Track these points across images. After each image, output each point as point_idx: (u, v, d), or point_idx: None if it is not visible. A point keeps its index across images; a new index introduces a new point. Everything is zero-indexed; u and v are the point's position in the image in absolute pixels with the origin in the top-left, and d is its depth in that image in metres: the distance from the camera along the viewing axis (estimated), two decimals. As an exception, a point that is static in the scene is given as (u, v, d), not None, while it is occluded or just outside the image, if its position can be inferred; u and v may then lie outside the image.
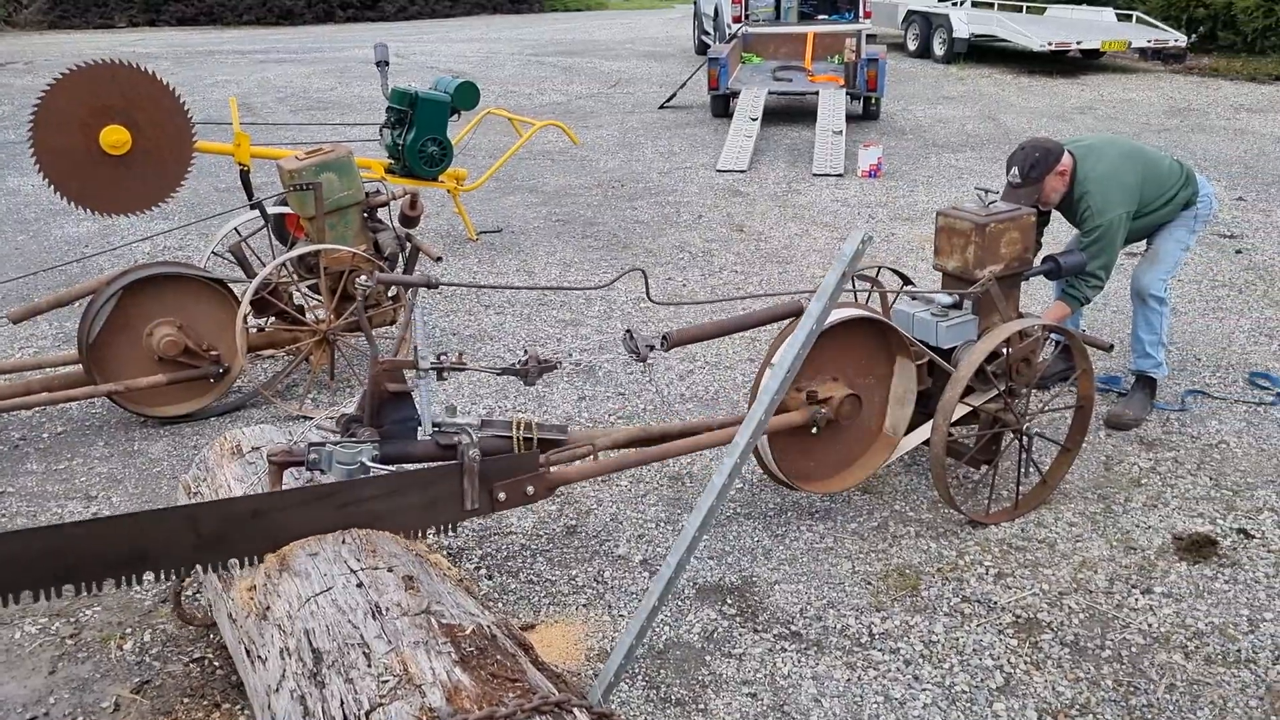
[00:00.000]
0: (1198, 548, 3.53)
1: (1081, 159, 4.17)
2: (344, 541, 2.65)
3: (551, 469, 3.11)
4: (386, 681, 2.11)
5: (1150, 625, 3.16)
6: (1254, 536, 3.60)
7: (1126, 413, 4.44)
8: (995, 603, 3.26)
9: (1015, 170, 4.06)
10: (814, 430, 3.42)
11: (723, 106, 11.60)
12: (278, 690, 2.29)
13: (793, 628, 3.16)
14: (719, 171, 9.27)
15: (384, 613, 2.33)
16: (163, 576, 2.58)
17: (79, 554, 2.45)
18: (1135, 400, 4.51)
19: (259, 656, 2.47)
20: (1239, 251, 6.82)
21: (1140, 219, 4.27)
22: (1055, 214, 4.44)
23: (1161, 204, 4.30)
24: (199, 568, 2.62)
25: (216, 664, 2.98)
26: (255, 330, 4.70)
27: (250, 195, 5.35)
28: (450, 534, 3.00)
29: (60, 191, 4.71)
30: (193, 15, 24.90)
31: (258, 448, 3.19)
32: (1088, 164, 4.15)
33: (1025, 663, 3.00)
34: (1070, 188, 4.16)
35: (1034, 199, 4.05)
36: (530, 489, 3.06)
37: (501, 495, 3.01)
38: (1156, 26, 15.49)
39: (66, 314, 5.45)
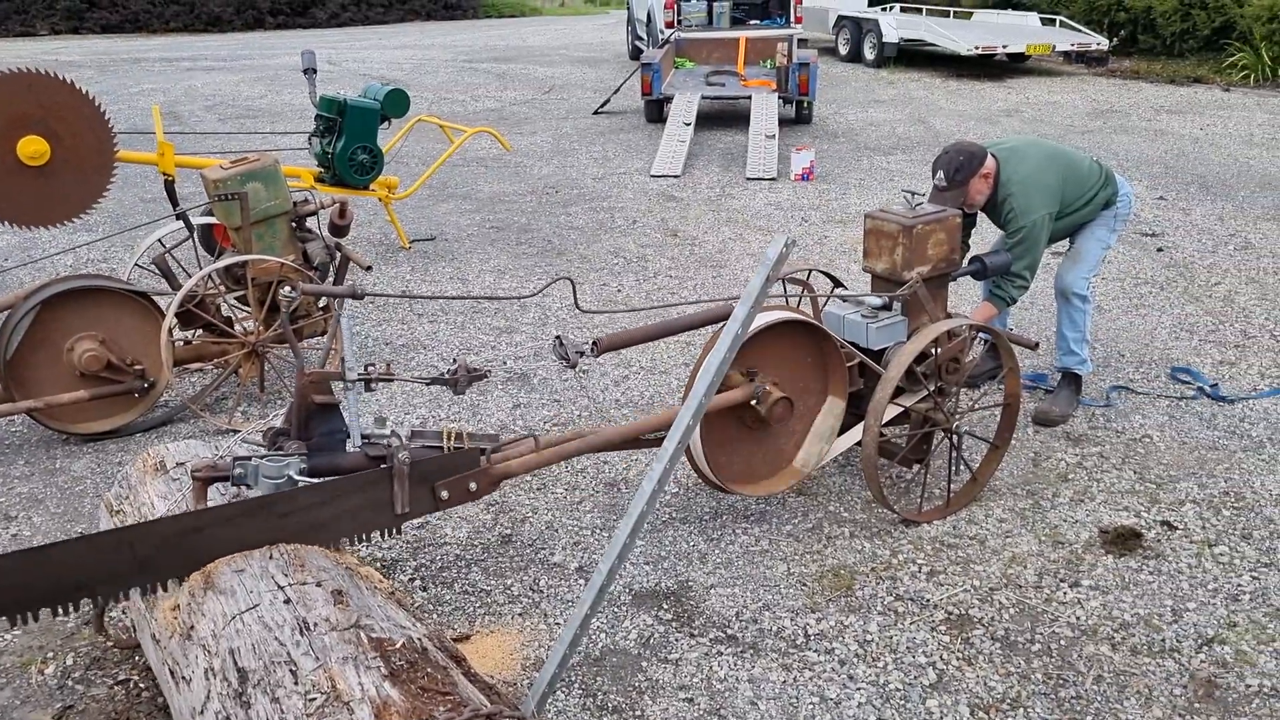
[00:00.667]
0: (1123, 541, 3.60)
1: (1004, 161, 4.24)
2: (271, 557, 2.60)
3: (494, 465, 3.09)
4: (314, 699, 2.07)
5: (1078, 618, 3.22)
6: (1177, 528, 3.69)
7: (1053, 409, 4.53)
8: (928, 600, 3.30)
9: (941, 174, 4.12)
10: (756, 404, 3.42)
11: (656, 111, 11.63)
12: (203, 712, 2.24)
13: (729, 631, 3.17)
14: (653, 176, 9.29)
15: (312, 629, 2.29)
16: (99, 602, 2.52)
17: (11, 585, 2.38)
18: (1061, 397, 4.59)
19: (184, 678, 2.41)
20: (1160, 250, 6.99)
21: (1062, 219, 4.35)
22: (981, 216, 4.51)
23: (1083, 204, 4.39)
24: (136, 591, 2.56)
25: (142, 686, 2.91)
26: (181, 343, 4.61)
27: (175, 205, 5.25)
28: (388, 539, 2.96)
29: (-26, 204, 4.58)
30: (117, 23, 24.40)
31: (182, 463, 3.12)
32: (1010, 166, 4.23)
33: (957, 659, 3.04)
34: (994, 190, 4.23)
35: (960, 202, 4.11)
36: (473, 485, 3.04)
37: (444, 494, 2.99)
38: (1080, 30, 15.84)
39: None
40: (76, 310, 4.27)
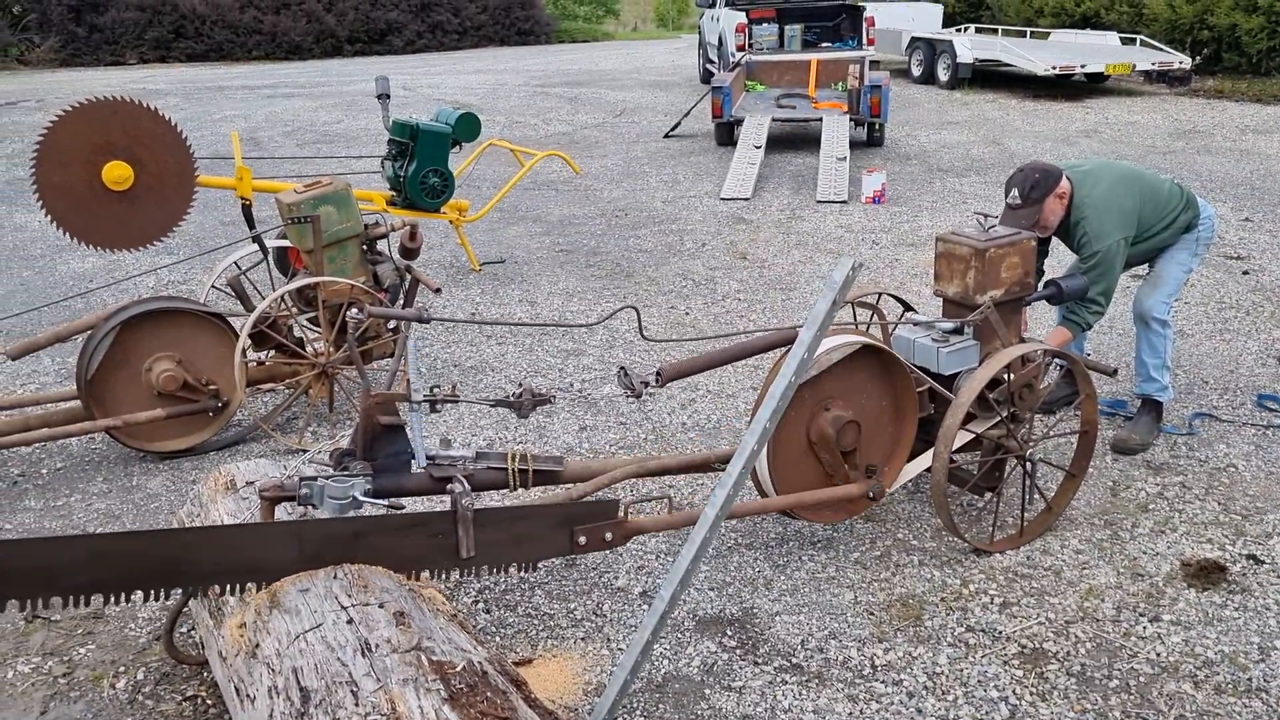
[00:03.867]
0: (1206, 574, 3.47)
1: (1079, 184, 4.14)
2: (335, 577, 2.62)
3: (630, 519, 3.13)
4: (373, 721, 2.07)
5: (1158, 654, 3.10)
6: (1264, 562, 3.54)
7: (1133, 437, 4.39)
8: (1000, 632, 3.21)
9: (1015, 192, 4.04)
10: (871, 499, 3.46)
11: (727, 134, 11.62)
12: (265, 730, 2.26)
13: (794, 660, 3.11)
14: (723, 199, 9.27)
15: (373, 650, 2.29)
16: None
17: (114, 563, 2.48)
18: (1141, 424, 4.46)
19: (248, 695, 2.43)
20: (1246, 273, 6.78)
21: (1140, 243, 4.23)
22: (1056, 241, 4.41)
23: (1161, 228, 4.27)
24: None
25: (209, 702, 2.94)
26: (254, 364, 4.69)
27: (252, 228, 5.36)
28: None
29: (62, 227, 4.72)
30: (202, 52, 25.14)
31: (251, 482, 3.16)
32: (1085, 188, 4.13)
33: (1031, 694, 2.94)
34: (1068, 213, 4.14)
35: (1033, 221, 4.02)
36: (609, 535, 3.08)
37: (581, 539, 3.04)
38: (1161, 49, 15.51)
39: (68, 349, 5.45)
40: (154, 331, 4.36)
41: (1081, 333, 4.29)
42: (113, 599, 2.50)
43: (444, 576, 2.99)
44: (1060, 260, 5.69)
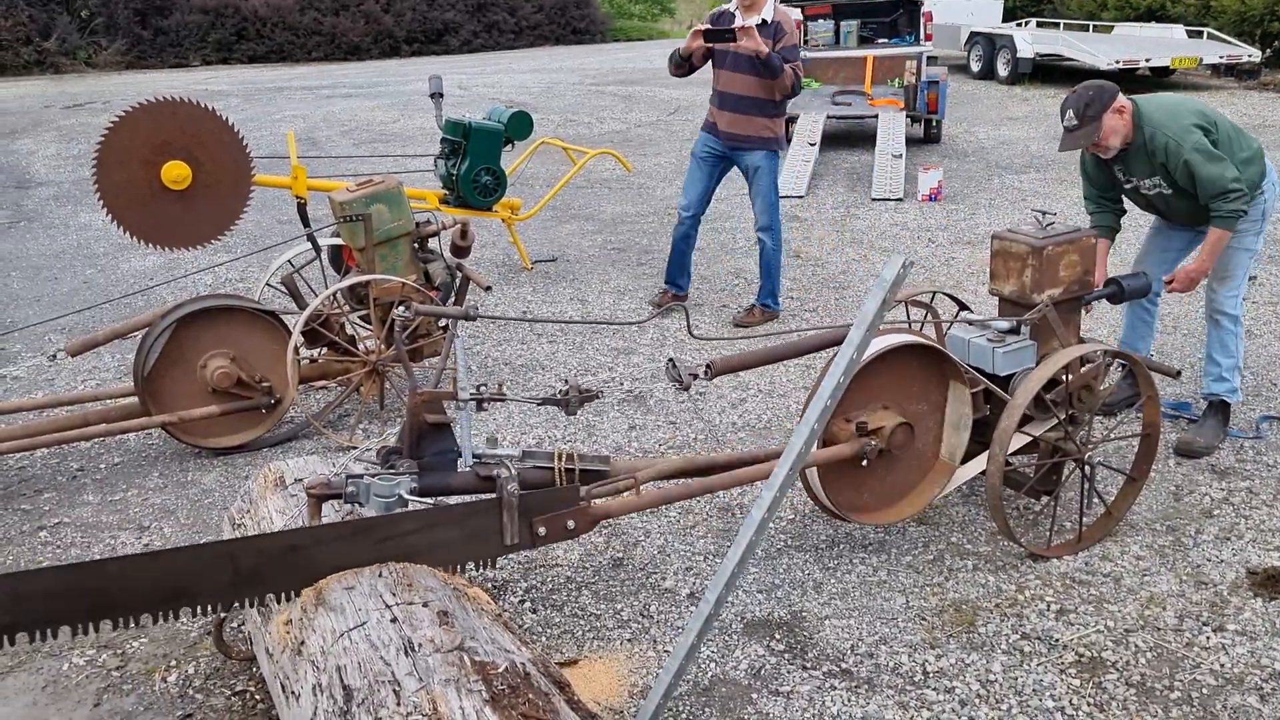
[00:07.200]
0: (1274, 583, 3.36)
1: (1141, 102, 3.99)
2: (380, 575, 2.62)
3: (593, 502, 3.05)
4: (415, 721, 2.06)
5: (1223, 665, 3.00)
6: (1335, 571, 3.42)
7: (1198, 440, 4.26)
8: (1056, 640, 3.13)
9: (1070, 113, 3.90)
10: (863, 462, 3.33)
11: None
12: (309, 728, 2.26)
13: (843, 665, 3.06)
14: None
15: (416, 649, 2.29)
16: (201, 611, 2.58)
17: (117, 589, 2.46)
18: (1207, 427, 4.32)
19: (293, 692, 2.44)
20: (1317, 271, 6.57)
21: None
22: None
23: (1238, 164, 3.99)
24: (237, 604, 2.61)
25: (258, 698, 2.96)
26: (307, 361, 4.73)
27: (306, 227, 5.40)
28: (488, 569, 2.95)
29: (122, 226, 4.79)
30: (263, 53, 25.49)
31: (300, 479, 3.18)
32: (1149, 106, 3.97)
33: (1088, 704, 2.86)
34: (1136, 133, 3.96)
35: (1094, 138, 3.88)
36: (571, 523, 2.99)
37: (541, 530, 2.95)
38: (1229, 42, 15.11)
39: (128, 346, 5.53)
40: (209, 328, 4.41)
41: (1234, 224, 3.94)
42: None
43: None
44: (1123, 256, 5.57)
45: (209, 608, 2.57)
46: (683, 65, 5.84)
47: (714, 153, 5.91)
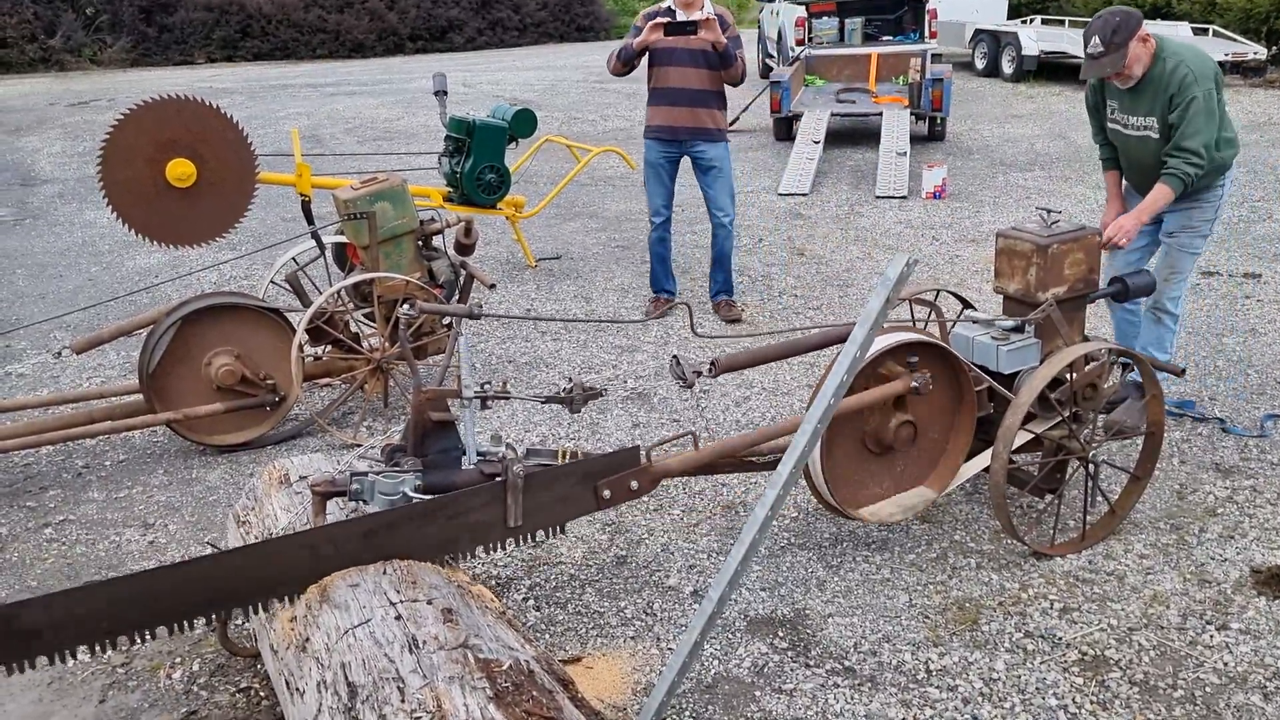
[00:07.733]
0: (1277, 582, 3.36)
1: (1162, 35, 3.97)
2: (385, 572, 2.62)
3: (654, 462, 3.09)
4: (419, 718, 2.07)
5: (1226, 664, 3.00)
6: (1339, 570, 3.42)
7: (1125, 421, 4.21)
8: (1060, 639, 3.13)
9: (1096, 40, 3.87)
10: (916, 390, 3.30)
11: (785, 129, 11.53)
12: (313, 725, 2.27)
13: (846, 663, 3.06)
14: (781, 195, 9.19)
15: (420, 646, 2.29)
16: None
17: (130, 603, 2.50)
18: (1134, 409, 4.26)
19: (297, 689, 2.44)
20: (1322, 270, 6.56)
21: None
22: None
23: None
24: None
25: (262, 694, 2.97)
26: (311, 359, 4.74)
27: (311, 224, 5.41)
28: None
29: (127, 223, 4.79)
30: (268, 51, 25.52)
31: (305, 477, 3.18)
32: (1172, 41, 3.95)
33: (1091, 702, 2.86)
34: (1153, 65, 3.94)
35: (1119, 66, 3.87)
36: (634, 484, 3.05)
37: (606, 493, 3.00)
38: (1234, 40, 15.08)
39: (133, 344, 5.55)
40: (214, 326, 4.42)
41: (1181, 187, 3.97)
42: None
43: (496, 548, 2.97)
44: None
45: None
46: (632, 62, 5.89)
47: (669, 155, 6.01)
